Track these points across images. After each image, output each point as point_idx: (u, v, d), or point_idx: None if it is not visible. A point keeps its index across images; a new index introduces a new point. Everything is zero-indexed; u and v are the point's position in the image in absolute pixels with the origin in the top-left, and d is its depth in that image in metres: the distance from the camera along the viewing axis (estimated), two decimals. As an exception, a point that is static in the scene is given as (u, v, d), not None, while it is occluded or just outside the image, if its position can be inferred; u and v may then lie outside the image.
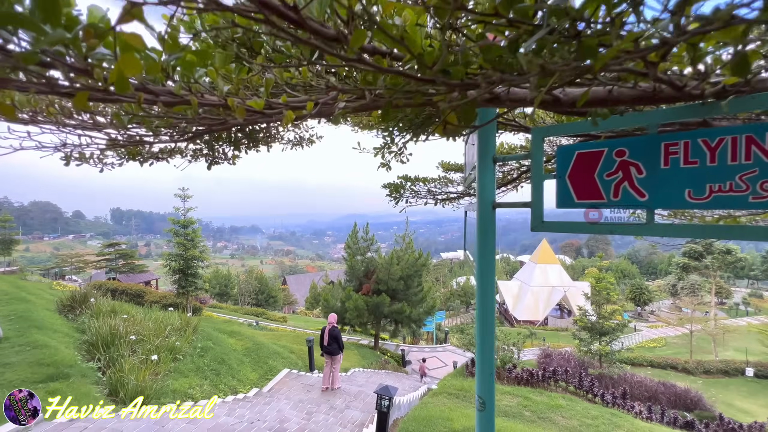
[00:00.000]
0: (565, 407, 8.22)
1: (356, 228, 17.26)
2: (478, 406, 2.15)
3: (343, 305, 16.34)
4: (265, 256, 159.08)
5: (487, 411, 2.13)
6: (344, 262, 18.92)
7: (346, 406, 7.12)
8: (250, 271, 48.11)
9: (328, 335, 7.73)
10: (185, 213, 17.29)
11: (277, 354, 9.70)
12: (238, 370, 7.73)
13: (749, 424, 11.37)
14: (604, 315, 17.61)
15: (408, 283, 17.07)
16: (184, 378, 6.24)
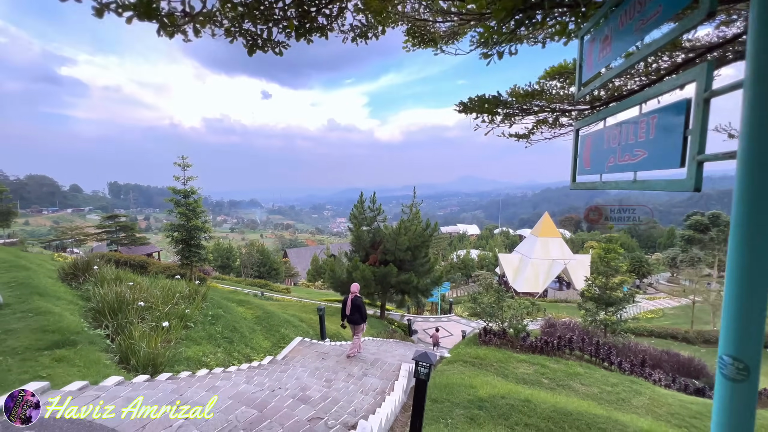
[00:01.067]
0: (583, 375, 8.12)
1: (362, 198, 16.80)
2: (732, 373, 1.33)
3: (350, 276, 16.15)
4: (265, 230, 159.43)
5: (750, 382, 1.34)
6: (349, 232, 18.60)
7: (364, 373, 6.94)
8: (252, 244, 48.09)
9: (351, 305, 7.64)
10: (186, 182, 16.72)
11: (288, 322, 9.51)
12: (250, 338, 7.51)
13: (761, 390, 11.47)
14: (611, 286, 17.53)
15: (415, 254, 16.83)
16: (197, 345, 5.99)
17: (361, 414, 4.46)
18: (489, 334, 10.33)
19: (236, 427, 3.13)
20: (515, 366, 8.51)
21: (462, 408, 5.49)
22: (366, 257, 16.88)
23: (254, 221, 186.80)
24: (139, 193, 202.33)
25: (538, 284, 49.88)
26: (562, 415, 5.14)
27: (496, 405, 5.45)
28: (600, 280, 17.90)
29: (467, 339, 11.40)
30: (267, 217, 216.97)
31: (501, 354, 9.10)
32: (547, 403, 5.44)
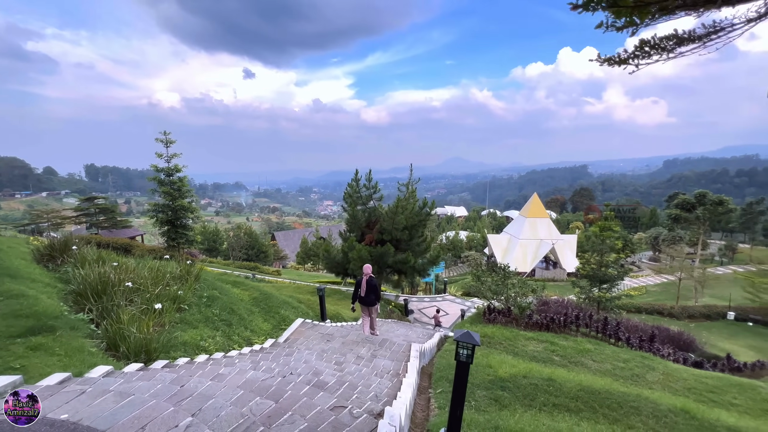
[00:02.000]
0: (593, 351, 7.97)
1: (357, 176, 16.16)
2: None
3: (346, 256, 15.71)
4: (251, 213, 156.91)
5: None
6: (337, 215, 18.05)
7: (373, 355, 6.57)
8: (239, 227, 47.00)
9: (365, 286, 7.57)
10: (169, 159, 15.71)
11: (287, 304, 9.04)
12: (249, 321, 7.02)
13: (752, 363, 11.72)
14: (606, 263, 17.62)
15: (412, 233, 16.44)
16: (194, 329, 5.46)
17: (383, 400, 4.07)
18: (494, 313, 10.11)
19: (254, 423, 2.66)
20: (524, 344, 8.30)
21: (483, 389, 5.18)
22: (362, 237, 16.41)
23: (240, 204, 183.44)
24: (119, 176, 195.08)
25: (526, 264, 50.61)
26: (590, 394, 4.88)
27: (519, 385, 5.15)
28: (595, 258, 17.97)
29: (470, 318, 11.19)
30: (253, 200, 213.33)
31: (508, 332, 8.88)
32: (572, 382, 5.18)
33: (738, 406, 5.90)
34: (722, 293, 28.69)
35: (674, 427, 4.25)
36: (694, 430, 4.20)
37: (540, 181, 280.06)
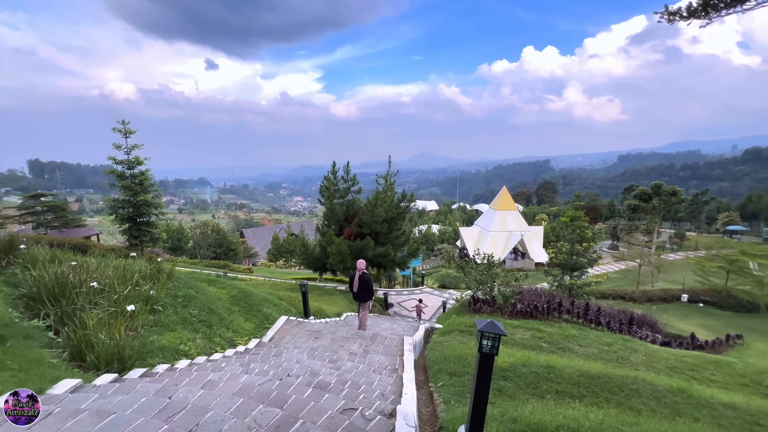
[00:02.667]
0: (578, 336, 8.14)
1: (335, 168, 15.69)
2: None
3: (324, 251, 15.26)
4: (217, 210, 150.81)
5: None
6: (320, 205, 17.54)
7: (365, 350, 6.29)
8: (206, 224, 44.87)
9: (358, 281, 7.61)
10: (129, 151, 14.46)
11: (268, 301, 8.54)
12: (230, 321, 6.51)
13: (712, 340, 12.57)
14: (577, 251, 18.29)
15: (391, 226, 16.25)
16: (171, 332, 4.93)
17: (390, 398, 3.81)
18: (479, 303, 10.12)
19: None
20: (512, 332, 8.33)
21: (484, 380, 5.04)
22: (340, 231, 16.00)
23: (204, 201, 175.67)
24: (68, 172, 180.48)
25: (497, 255, 51.96)
26: (590, 379, 4.88)
27: (520, 374, 5.07)
28: (567, 247, 18.62)
29: (454, 309, 11.17)
30: (218, 196, 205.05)
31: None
32: (571, 368, 5.16)
33: (717, 382, 6.19)
34: (676, 278, 30.84)
35: (675, 406, 4.31)
36: (694, 408, 4.28)
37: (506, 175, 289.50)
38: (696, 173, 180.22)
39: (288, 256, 46.31)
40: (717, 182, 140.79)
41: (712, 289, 26.11)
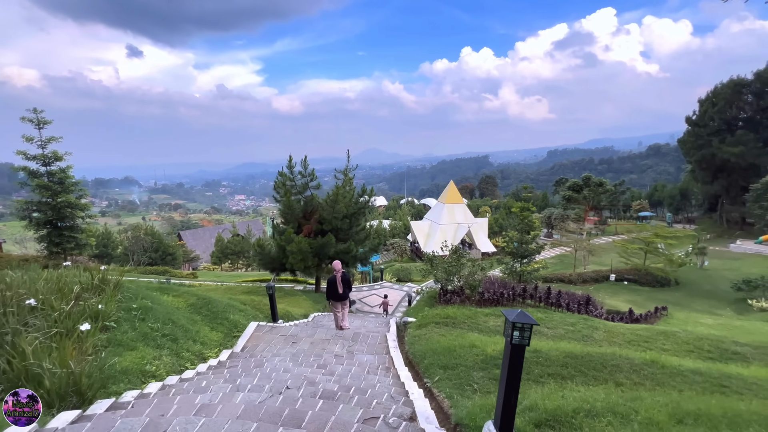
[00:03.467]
0: (545, 319, 8.58)
1: (292, 162, 14.91)
2: None
3: (283, 250, 14.48)
4: (148, 212, 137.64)
5: None
6: (276, 202, 16.62)
7: (349, 351, 6.00)
8: (137, 228, 40.53)
9: (341, 282, 7.72)
10: (44, 145, 12.34)
11: (232, 307, 7.82)
12: (196, 332, 5.80)
13: (645, 313, 14.14)
14: (526, 240, 19.49)
15: (352, 222, 15.92)
16: (132, 351, 4.21)
17: (399, 399, 3.60)
18: (448, 294, 10.26)
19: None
20: (484, 320, 8.53)
21: (478, 370, 5.05)
22: (299, 229, 15.30)
23: (132, 202, 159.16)
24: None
25: (446, 247, 53.84)
26: (575, 359, 5.10)
27: (511, 360, 5.13)
28: (516, 236, 19.75)
29: (424, 301, 11.22)
30: (148, 197, 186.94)
31: (467, 311, 9.06)
32: (556, 351, 5.36)
33: (669, 350, 6.90)
34: (604, 260, 34.39)
35: (653, 377, 4.66)
36: (668, 377, 4.66)
37: (449, 170, 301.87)
38: (611, 167, 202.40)
39: (234, 257, 43.68)
40: (628, 174, 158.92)
41: (634, 269, 29.52)
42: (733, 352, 6.80)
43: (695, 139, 50.51)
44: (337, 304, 8.16)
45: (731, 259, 36.74)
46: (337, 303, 8.15)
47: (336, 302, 8.14)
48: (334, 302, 8.16)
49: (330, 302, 8.34)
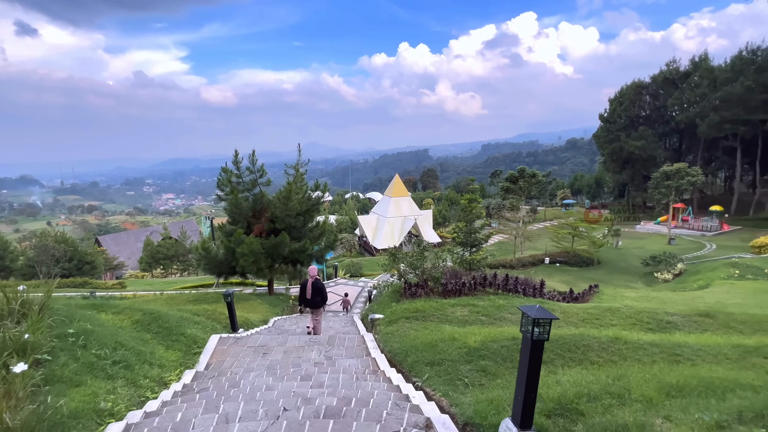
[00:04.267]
0: (506, 305, 8.98)
1: (238, 157, 13.80)
2: None
3: (232, 253, 13.42)
4: (54, 216, 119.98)
5: None
6: (220, 201, 15.35)
7: (329, 356, 5.70)
8: (44, 234, 34.92)
9: (311, 288, 7.55)
10: None
11: (186, 320, 6.99)
12: (150, 353, 5.05)
13: (582, 291, 15.63)
14: (474, 230, 20.41)
15: (306, 219, 15.30)
16: (77, 388, 3.49)
17: (404, 406, 3.43)
18: (413, 287, 10.31)
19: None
20: (452, 311, 8.70)
21: (465, 363, 5.08)
22: (248, 228, 14.30)
23: (32, 205, 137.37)
24: None
25: (394, 240, 54.75)
26: (552, 344, 5.35)
27: (494, 351, 5.26)
28: (465, 226, 20.60)
29: (388, 296, 11.15)
30: (54, 198, 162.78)
31: (434, 303, 9.16)
32: (532, 336, 5.58)
33: (617, 325, 7.63)
34: (538, 245, 37.50)
35: (620, 353, 5.07)
36: (633, 351, 5.11)
37: (391, 164, 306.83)
38: (536, 159, 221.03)
39: (168, 262, 39.90)
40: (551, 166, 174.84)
41: (564, 251, 32.61)
42: (667, 321, 7.75)
43: (607, 134, 57.08)
44: (312, 311, 8.00)
45: (638, 238, 42.34)
46: (312, 310, 7.99)
47: (311, 309, 7.98)
48: (310, 309, 8.01)
49: (301, 306, 8.17)
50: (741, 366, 4.63)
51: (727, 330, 7.21)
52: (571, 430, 2.86)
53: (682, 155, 54.39)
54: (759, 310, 9.88)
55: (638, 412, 2.80)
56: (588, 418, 2.96)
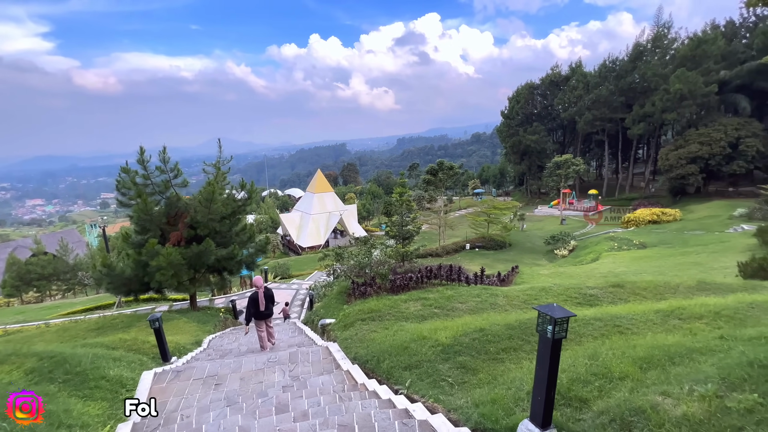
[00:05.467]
0: (455, 295, 9.28)
1: (144, 155, 11.74)
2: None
3: (144, 267, 11.47)
4: None
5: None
6: (120, 206, 12.98)
7: (296, 377, 5.16)
8: None
9: (263, 299, 7.28)
10: None
11: (101, 357, 5.65)
12: (64, 413, 3.91)
13: (507, 273, 17.13)
14: (407, 222, 20.90)
15: (233, 222, 13.86)
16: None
17: (412, 424, 3.20)
18: (363, 286, 10.05)
19: None
20: (405, 307, 8.68)
21: (442, 362, 5.03)
22: (162, 237, 12.37)
23: None
24: None
25: (320, 237, 53.56)
26: (514, 330, 5.63)
27: (467, 345, 5.32)
28: (398, 219, 20.96)
29: (334, 298, 10.70)
30: None
31: (386, 300, 9.04)
32: (497, 325, 5.80)
33: (552, 303, 8.44)
34: (457, 232, 40.26)
35: (575, 330, 5.55)
36: (583, 327, 5.64)
37: (309, 159, 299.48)
38: (447, 152, 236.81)
39: (44, 283, 32.86)
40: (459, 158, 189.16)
41: (481, 237, 35.53)
42: (590, 295, 8.86)
43: (508, 129, 63.70)
44: (260, 323, 7.54)
45: (537, 221, 48.29)
46: (261, 321, 7.51)
47: (259, 320, 7.50)
48: (257, 321, 7.48)
49: (248, 324, 7.67)
50: (666, 329, 5.45)
51: (636, 297, 8.52)
52: (582, 419, 2.94)
53: (566, 147, 63.56)
54: (649, 277, 11.98)
55: (634, 392, 3.01)
56: (593, 404, 3.09)
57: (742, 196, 39.03)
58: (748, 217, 28.11)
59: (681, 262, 16.78)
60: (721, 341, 4.01)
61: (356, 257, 10.50)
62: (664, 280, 9.30)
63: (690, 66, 41.70)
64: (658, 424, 2.41)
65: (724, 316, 5.57)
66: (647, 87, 46.48)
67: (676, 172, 40.50)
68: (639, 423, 2.50)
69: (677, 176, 40.69)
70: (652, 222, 34.09)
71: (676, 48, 45.50)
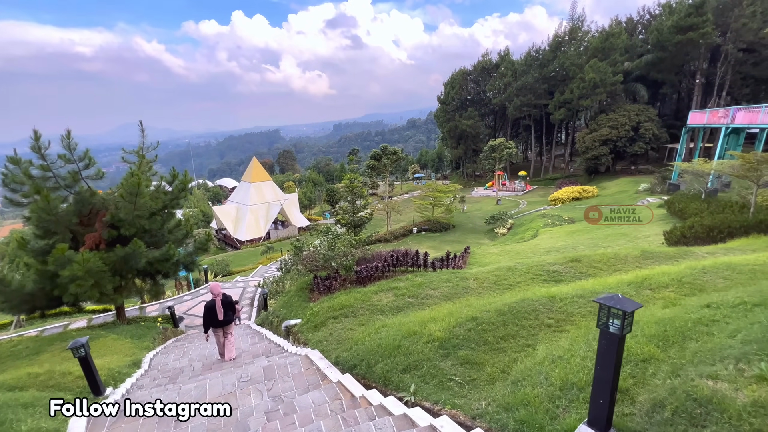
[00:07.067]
0: (425, 282, 8.99)
1: (40, 141, 9.42)
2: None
3: (52, 278, 9.39)
4: None
5: None
6: (11, 205, 10.47)
7: (276, 397, 4.39)
8: None
9: (221, 306, 6.59)
10: None
11: (6, 406, 4.28)
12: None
13: (461, 253, 17.49)
14: (359, 209, 20.27)
15: (165, 218, 12.04)
16: None
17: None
18: (327, 280, 9.32)
19: None
20: (377, 299, 8.22)
21: (443, 359, 4.65)
22: (74, 241, 10.25)
23: None
24: None
25: (260, 229, 50.57)
26: (502, 315, 5.45)
27: (464, 337, 5.00)
28: (349, 207, 20.23)
29: (295, 295, 9.81)
30: None
31: (356, 294, 8.47)
32: (488, 312, 5.58)
33: (522, 282, 8.60)
34: (403, 217, 40.66)
35: (563, 310, 5.54)
36: (569, 306, 5.65)
37: (240, 146, 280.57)
38: (384, 138, 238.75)
39: None
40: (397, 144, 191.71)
41: (426, 220, 36.29)
42: (553, 271, 9.20)
43: (444, 114, 65.46)
44: (218, 330, 6.87)
45: (475, 202, 50.75)
46: (218, 330, 6.86)
47: (214, 330, 6.84)
48: (215, 329, 6.83)
49: (207, 333, 7.01)
50: (644, 300, 5.69)
51: (593, 269, 9.03)
52: (632, 413, 2.72)
53: (497, 132, 67.39)
54: (596, 249, 12.95)
55: (675, 377, 2.86)
56: (635, 394, 2.90)
57: (641, 173, 44.98)
58: (651, 191, 32.39)
59: (609, 233, 18.63)
60: (710, 311, 4.16)
61: (318, 249, 9.66)
62: (614, 252, 10.01)
63: (601, 57, 46.29)
64: (735, 416, 2.22)
65: (687, 283, 5.98)
66: (566, 75, 50.70)
67: (591, 153, 45.14)
68: (711, 416, 2.31)
69: (592, 157, 45.40)
70: (575, 199, 37.70)
71: (589, 40, 50.12)
